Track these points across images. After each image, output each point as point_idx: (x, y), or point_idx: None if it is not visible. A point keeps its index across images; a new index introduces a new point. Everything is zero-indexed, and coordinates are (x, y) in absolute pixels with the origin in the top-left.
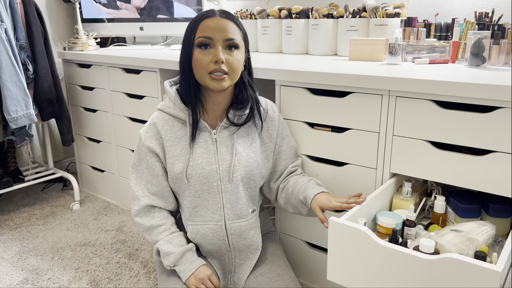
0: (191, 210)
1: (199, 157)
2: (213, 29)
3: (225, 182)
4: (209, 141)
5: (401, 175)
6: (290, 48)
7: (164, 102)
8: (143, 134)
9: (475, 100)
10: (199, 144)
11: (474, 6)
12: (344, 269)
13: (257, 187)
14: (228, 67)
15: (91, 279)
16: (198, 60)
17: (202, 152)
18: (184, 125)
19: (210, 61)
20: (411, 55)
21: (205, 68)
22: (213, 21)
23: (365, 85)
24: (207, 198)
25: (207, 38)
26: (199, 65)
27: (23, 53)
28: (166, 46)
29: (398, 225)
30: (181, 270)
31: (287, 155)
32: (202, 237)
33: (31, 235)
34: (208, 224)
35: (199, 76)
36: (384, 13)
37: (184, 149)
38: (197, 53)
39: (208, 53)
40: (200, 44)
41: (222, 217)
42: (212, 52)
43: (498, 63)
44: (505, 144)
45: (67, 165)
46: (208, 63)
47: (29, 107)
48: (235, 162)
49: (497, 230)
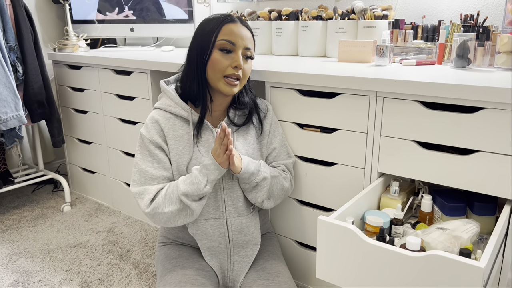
0: None
1: (202, 155)
2: (237, 35)
3: (227, 179)
4: (211, 139)
5: (389, 175)
6: (280, 49)
7: (163, 101)
8: (145, 131)
9: (460, 101)
10: (202, 142)
11: (459, 8)
12: (333, 267)
13: None
14: (242, 74)
15: (82, 281)
16: (217, 61)
17: (205, 150)
18: (186, 123)
19: (229, 65)
20: (398, 57)
21: (222, 71)
22: (237, 28)
23: (354, 86)
24: (208, 195)
25: (231, 43)
26: (217, 66)
27: (13, 54)
28: (156, 47)
29: (385, 223)
30: (208, 171)
31: (277, 153)
32: (203, 233)
33: (21, 237)
34: (209, 221)
35: (214, 77)
36: (372, 15)
37: (186, 147)
38: (218, 55)
39: (229, 58)
40: (222, 47)
41: (224, 213)
42: (233, 57)
43: (483, 64)
44: (489, 144)
45: (57, 166)
46: (227, 67)
47: (19, 108)
48: None
49: (482, 227)
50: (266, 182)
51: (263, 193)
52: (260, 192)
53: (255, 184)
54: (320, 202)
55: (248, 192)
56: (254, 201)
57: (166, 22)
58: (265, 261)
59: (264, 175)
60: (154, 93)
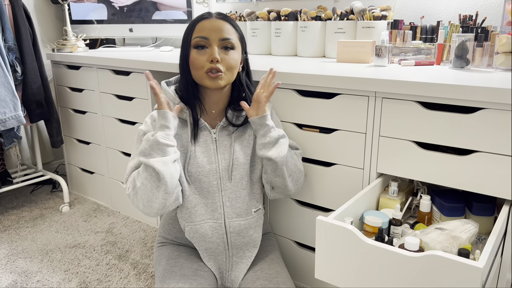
0: (191, 210)
1: (199, 156)
2: (209, 29)
3: (225, 180)
4: (209, 140)
5: (388, 175)
6: (279, 50)
7: None
8: (144, 127)
9: (459, 101)
10: (199, 143)
11: (458, 9)
12: (331, 267)
13: (256, 185)
14: (224, 66)
15: (81, 281)
16: (194, 60)
17: (202, 151)
18: (184, 124)
19: (206, 60)
20: (397, 57)
21: (201, 67)
22: (209, 22)
23: (352, 87)
24: (206, 196)
25: (203, 38)
26: (195, 65)
27: (12, 54)
28: (155, 47)
29: (384, 224)
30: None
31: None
32: (201, 236)
33: (19, 238)
34: (207, 222)
35: (197, 76)
36: (371, 15)
37: (184, 147)
38: (194, 53)
39: (204, 53)
40: (196, 45)
41: (222, 215)
42: (208, 52)
43: (482, 65)
44: (488, 144)
45: (56, 167)
46: (204, 63)
47: (18, 109)
48: (234, 161)
49: (480, 228)
50: (286, 141)
51: (288, 166)
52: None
53: (275, 139)
54: (319, 202)
55: (273, 172)
56: (280, 183)
57: (165, 23)
58: (264, 261)
59: (283, 132)
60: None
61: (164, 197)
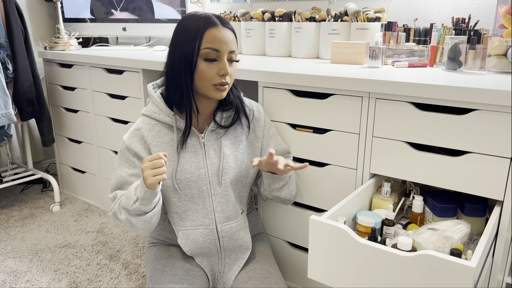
0: (182, 215)
1: (188, 162)
2: (220, 41)
3: (215, 185)
4: (197, 145)
5: (381, 176)
6: (273, 50)
7: (149, 107)
8: (127, 139)
9: (451, 102)
10: (188, 148)
11: (451, 11)
12: (324, 267)
13: (245, 189)
14: (230, 78)
15: (71, 281)
16: (204, 72)
17: (191, 156)
18: (171, 130)
19: (216, 73)
20: (391, 59)
21: (210, 80)
22: (219, 32)
23: (346, 87)
24: (197, 202)
25: (215, 51)
26: (204, 77)
27: (3, 52)
28: (149, 47)
29: (377, 224)
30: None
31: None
32: (193, 242)
33: (9, 237)
34: (198, 228)
35: (201, 87)
36: (365, 17)
37: (171, 154)
38: (203, 65)
39: (215, 66)
40: (207, 57)
41: (213, 220)
42: (219, 65)
43: (474, 67)
44: (480, 145)
45: (47, 166)
46: (214, 76)
47: (8, 106)
48: (224, 165)
49: (472, 228)
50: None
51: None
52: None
53: (287, 178)
54: (312, 202)
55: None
56: (289, 196)
57: (159, 22)
58: (256, 262)
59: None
60: (146, 92)
61: (148, 229)
